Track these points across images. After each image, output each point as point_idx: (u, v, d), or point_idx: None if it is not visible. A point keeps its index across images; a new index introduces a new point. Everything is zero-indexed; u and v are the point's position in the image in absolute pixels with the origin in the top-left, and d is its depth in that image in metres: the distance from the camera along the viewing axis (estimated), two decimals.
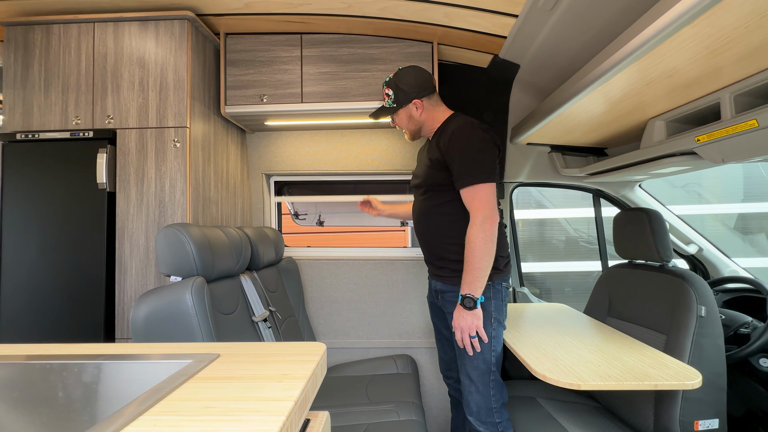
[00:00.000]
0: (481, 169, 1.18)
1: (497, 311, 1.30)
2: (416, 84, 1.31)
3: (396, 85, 1.32)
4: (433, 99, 1.34)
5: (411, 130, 1.40)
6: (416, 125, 1.38)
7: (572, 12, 1.30)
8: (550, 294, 3.29)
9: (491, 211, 1.18)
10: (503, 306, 1.32)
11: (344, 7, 1.57)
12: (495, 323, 1.29)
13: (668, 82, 1.11)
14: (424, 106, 1.33)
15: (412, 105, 1.32)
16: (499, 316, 1.31)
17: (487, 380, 1.29)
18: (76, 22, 1.53)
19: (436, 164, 1.29)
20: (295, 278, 2.00)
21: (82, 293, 1.47)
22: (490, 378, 1.29)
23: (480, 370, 1.29)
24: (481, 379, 1.29)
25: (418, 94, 1.31)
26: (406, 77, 1.32)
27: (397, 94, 1.32)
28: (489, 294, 1.29)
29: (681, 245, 1.98)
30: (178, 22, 1.51)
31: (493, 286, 1.30)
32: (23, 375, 0.58)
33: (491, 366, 1.29)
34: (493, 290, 1.30)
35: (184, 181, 1.49)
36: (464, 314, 1.22)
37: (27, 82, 1.54)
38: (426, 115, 1.35)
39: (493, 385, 1.29)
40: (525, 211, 3.44)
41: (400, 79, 1.32)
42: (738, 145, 1.09)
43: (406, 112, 1.35)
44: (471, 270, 1.19)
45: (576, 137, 1.76)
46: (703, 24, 0.81)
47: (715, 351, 1.27)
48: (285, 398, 0.46)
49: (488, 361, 1.28)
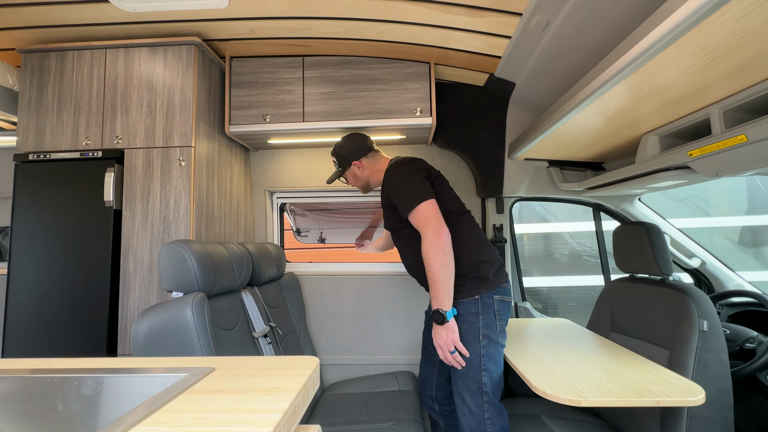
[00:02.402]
0: (413, 192, 1.27)
1: (487, 327, 1.25)
2: (353, 148, 1.52)
3: (338, 153, 1.55)
4: (371, 156, 1.53)
5: (360, 186, 1.59)
6: (363, 181, 1.57)
7: (563, 33, 1.35)
8: (556, 309, 3.25)
9: (437, 222, 1.22)
10: (496, 322, 1.26)
11: (344, 30, 1.64)
12: (484, 340, 1.24)
13: (658, 98, 1.14)
14: (364, 165, 1.52)
15: (353, 166, 1.53)
16: (490, 333, 1.25)
17: (479, 402, 1.24)
18: (89, 49, 1.61)
19: (388, 208, 1.41)
20: (296, 294, 2.01)
21: (86, 309, 1.49)
22: (483, 400, 1.24)
23: (471, 391, 1.25)
24: (473, 400, 1.25)
25: (356, 156, 1.51)
26: (344, 145, 1.54)
27: (340, 160, 1.55)
28: (477, 309, 1.26)
29: (683, 259, 1.97)
30: (186, 47, 1.58)
31: (481, 300, 1.26)
32: (24, 388, 0.59)
33: (482, 387, 1.24)
34: (482, 305, 1.26)
35: (188, 199, 1.53)
36: (439, 330, 1.22)
37: (41, 105, 1.61)
38: (368, 171, 1.54)
39: (487, 408, 1.24)
40: (529, 225, 3.45)
41: (339, 148, 1.55)
42: (729, 159, 1.11)
43: (351, 173, 1.55)
44: (432, 284, 1.22)
45: (573, 152, 1.78)
46: (685, 45, 0.84)
47: (719, 366, 1.25)
48: (274, 410, 0.47)
49: (478, 381, 1.24)
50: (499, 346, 1.28)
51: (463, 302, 1.28)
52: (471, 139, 2.00)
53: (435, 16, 1.48)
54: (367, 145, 1.53)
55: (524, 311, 2.06)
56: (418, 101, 1.80)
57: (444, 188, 1.38)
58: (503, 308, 1.30)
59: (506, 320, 1.31)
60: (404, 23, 1.55)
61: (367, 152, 1.52)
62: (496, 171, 1.99)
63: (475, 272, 1.29)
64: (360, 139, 1.54)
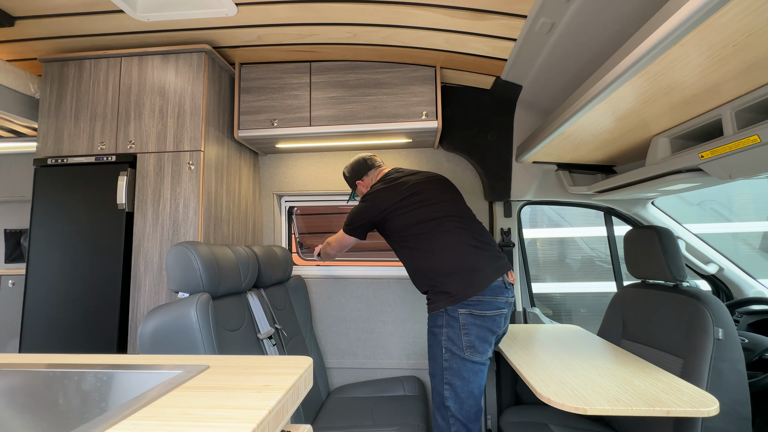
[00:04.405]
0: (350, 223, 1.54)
1: (450, 341, 1.24)
2: (354, 171, 1.68)
3: (345, 175, 1.73)
4: (371, 174, 1.67)
5: None
6: None
7: (569, 35, 1.33)
8: (570, 316, 3.18)
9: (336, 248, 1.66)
10: (461, 336, 1.24)
11: (350, 36, 1.66)
12: (447, 353, 1.24)
13: (667, 99, 1.11)
14: (366, 182, 1.67)
15: (359, 185, 1.69)
16: (453, 347, 1.24)
17: (444, 415, 1.24)
18: (106, 57, 1.67)
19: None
20: (303, 296, 2.02)
21: (99, 308, 1.54)
22: (447, 414, 1.23)
23: (436, 403, 1.28)
24: (438, 413, 1.26)
25: (358, 177, 1.68)
26: (349, 169, 1.71)
27: (348, 181, 1.73)
28: (442, 322, 1.26)
29: (699, 265, 1.90)
30: (197, 54, 1.63)
31: (446, 313, 1.26)
32: (28, 382, 0.61)
33: (444, 400, 1.24)
34: (447, 318, 1.26)
35: (197, 202, 1.56)
36: None
37: (60, 111, 1.68)
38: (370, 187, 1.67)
39: (452, 422, 1.23)
40: (542, 230, 3.39)
41: (346, 171, 1.73)
42: (742, 161, 1.07)
43: (359, 191, 1.71)
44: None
45: (582, 155, 1.75)
46: (690, 44, 0.82)
47: (735, 377, 1.20)
48: (261, 407, 0.47)
49: (441, 394, 1.25)
50: (467, 362, 1.24)
51: (432, 315, 1.33)
52: (478, 143, 1.98)
53: (440, 20, 1.48)
54: (367, 165, 1.67)
55: (533, 317, 2.02)
56: (423, 105, 1.80)
57: (407, 211, 1.41)
58: (472, 322, 1.25)
59: (479, 335, 1.25)
60: (409, 27, 1.56)
61: (366, 171, 1.66)
62: (503, 174, 1.97)
63: (438, 286, 1.32)
64: (359, 161, 1.69)
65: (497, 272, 1.31)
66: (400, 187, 1.46)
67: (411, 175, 1.53)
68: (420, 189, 1.45)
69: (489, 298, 1.26)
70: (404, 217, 1.41)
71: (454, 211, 1.41)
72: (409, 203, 1.42)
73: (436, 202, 1.42)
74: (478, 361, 1.25)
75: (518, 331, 1.76)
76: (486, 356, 1.27)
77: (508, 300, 1.32)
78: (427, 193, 1.44)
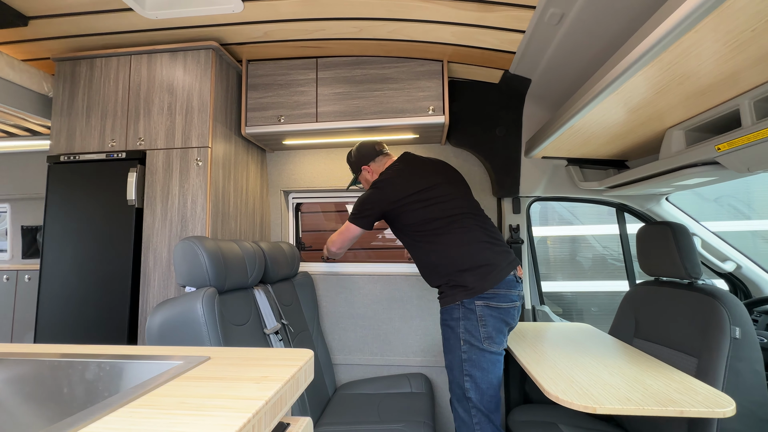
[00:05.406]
0: (357, 212, 1.46)
1: (468, 333, 1.26)
2: (361, 154, 1.60)
3: (349, 160, 1.65)
4: (378, 160, 1.59)
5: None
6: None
7: (579, 26, 1.30)
8: (581, 314, 3.12)
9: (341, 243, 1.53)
10: (479, 327, 1.26)
11: (356, 31, 1.65)
12: (465, 345, 1.26)
13: (681, 89, 1.08)
14: (372, 168, 1.59)
15: (364, 171, 1.61)
16: (471, 339, 1.26)
17: (466, 407, 1.26)
18: (116, 56, 1.70)
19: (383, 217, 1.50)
20: (310, 293, 2.03)
21: (109, 302, 1.56)
22: (469, 405, 1.24)
23: (456, 395, 1.29)
24: (460, 405, 1.28)
25: (364, 161, 1.60)
26: (354, 152, 1.63)
27: (352, 166, 1.65)
28: (458, 314, 1.28)
29: (716, 262, 1.85)
30: (204, 51, 1.64)
31: (463, 305, 1.28)
32: (35, 371, 0.62)
33: (465, 392, 1.25)
34: (463, 310, 1.28)
35: (204, 198, 1.58)
36: None
37: (72, 109, 1.71)
38: (376, 174, 1.58)
39: (474, 413, 1.24)
40: (553, 228, 3.33)
41: (350, 155, 1.65)
42: (762, 153, 1.03)
43: (363, 177, 1.63)
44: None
45: (593, 149, 1.71)
46: (706, 30, 0.79)
47: (753, 377, 1.16)
48: (258, 398, 0.47)
49: (461, 386, 1.26)
50: (486, 353, 1.26)
51: (447, 308, 1.33)
52: (486, 138, 1.96)
53: (446, 13, 1.46)
54: (375, 150, 1.60)
55: (542, 315, 1.99)
56: (430, 99, 1.78)
57: (421, 207, 1.38)
58: (489, 313, 1.27)
59: (495, 326, 1.28)
60: (415, 21, 1.55)
61: (374, 156, 1.59)
62: (512, 170, 1.94)
63: (453, 281, 1.32)
64: (367, 145, 1.62)
65: (509, 267, 1.34)
66: (414, 179, 1.43)
67: (422, 165, 1.49)
68: (434, 183, 1.42)
69: (504, 291, 1.29)
70: (418, 212, 1.38)
71: (467, 207, 1.41)
72: (424, 198, 1.39)
73: (451, 198, 1.41)
74: (495, 352, 1.28)
75: (527, 329, 1.73)
76: (502, 347, 1.30)
77: (520, 293, 1.36)
78: (442, 188, 1.41)
